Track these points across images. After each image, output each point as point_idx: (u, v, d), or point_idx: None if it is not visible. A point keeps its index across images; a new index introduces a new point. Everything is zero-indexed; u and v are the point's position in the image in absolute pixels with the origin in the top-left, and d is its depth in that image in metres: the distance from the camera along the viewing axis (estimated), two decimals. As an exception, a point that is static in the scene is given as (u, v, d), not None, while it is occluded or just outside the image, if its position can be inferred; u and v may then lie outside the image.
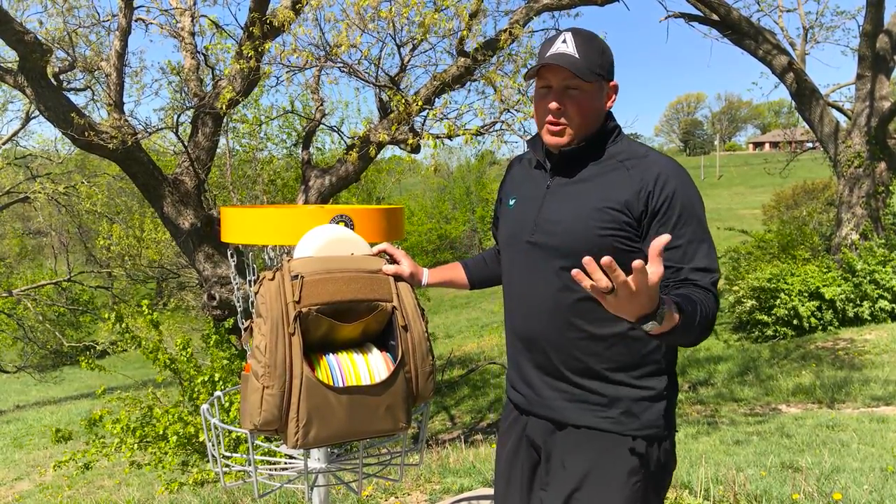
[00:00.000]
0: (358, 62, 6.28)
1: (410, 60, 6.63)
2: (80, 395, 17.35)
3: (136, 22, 7.54)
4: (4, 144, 16.85)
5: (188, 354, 5.89)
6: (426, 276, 1.94)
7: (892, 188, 11.35)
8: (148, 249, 15.48)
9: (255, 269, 2.45)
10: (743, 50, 11.63)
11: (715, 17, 11.52)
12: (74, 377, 20.84)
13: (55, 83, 6.63)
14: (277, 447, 2.08)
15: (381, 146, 6.69)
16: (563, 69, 1.54)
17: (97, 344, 19.50)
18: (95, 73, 7.68)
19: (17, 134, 16.77)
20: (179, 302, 19.69)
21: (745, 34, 11.48)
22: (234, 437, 5.23)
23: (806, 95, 11.49)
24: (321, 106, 8.25)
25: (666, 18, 11.30)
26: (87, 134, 6.32)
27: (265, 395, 1.60)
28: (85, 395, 17.00)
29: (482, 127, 6.40)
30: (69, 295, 20.90)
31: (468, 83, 6.85)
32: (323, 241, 1.81)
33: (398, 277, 1.82)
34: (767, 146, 78.54)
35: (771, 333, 11.05)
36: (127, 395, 6.11)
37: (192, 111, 7.28)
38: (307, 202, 7.12)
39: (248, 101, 10.14)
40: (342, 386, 1.65)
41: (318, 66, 6.66)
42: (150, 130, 7.17)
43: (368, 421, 1.67)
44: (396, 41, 6.26)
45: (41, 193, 15.77)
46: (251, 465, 1.81)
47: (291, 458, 2.06)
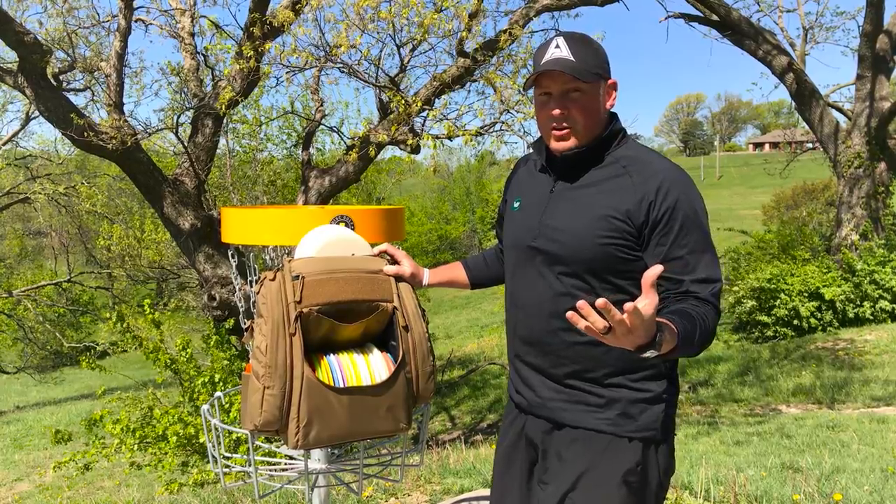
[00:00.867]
0: (358, 62, 6.28)
1: (410, 61, 6.63)
2: (80, 395, 17.34)
3: (135, 22, 7.54)
4: (4, 145, 16.85)
5: (188, 355, 5.89)
6: (427, 276, 1.94)
7: (892, 188, 11.35)
8: (148, 250, 15.46)
9: (255, 269, 2.45)
10: (743, 50, 11.63)
11: (715, 17, 11.52)
12: (74, 378, 20.82)
13: (55, 84, 6.63)
14: (278, 448, 2.08)
15: (380, 147, 6.69)
16: (561, 74, 1.54)
17: (97, 344, 19.49)
18: (95, 73, 7.67)
19: (17, 135, 16.77)
20: (180, 302, 19.67)
21: (744, 34, 11.48)
22: (234, 437, 5.23)
23: (806, 96, 11.49)
24: (321, 106, 8.24)
25: (666, 19, 11.30)
26: (86, 134, 6.31)
27: (266, 395, 1.60)
28: (85, 395, 16.99)
29: (482, 127, 6.40)
30: (69, 295, 20.88)
31: (468, 84, 6.86)
32: (324, 241, 1.81)
33: (399, 278, 1.82)
34: (767, 146, 78.54)
35: (771, 334, 11.05)
36: (127, 395, 6.11)
37: (191, 112, 7.27)
38: (307, 203, 7.12)
39: (248, 101, 10.14)
40: (343, 386, 1.65)
41: (317, 66, 6.66)
42: (149, 131, 7.16)
43: (369, 421, 1.67)
44: (396, 42, 6.26)
45: (41, 194, 15.77)
46: (251, 465, 1.81)
47: (292, 458, 2.06)
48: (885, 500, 3.34)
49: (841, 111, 12.95)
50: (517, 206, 1.74)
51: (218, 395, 2.21)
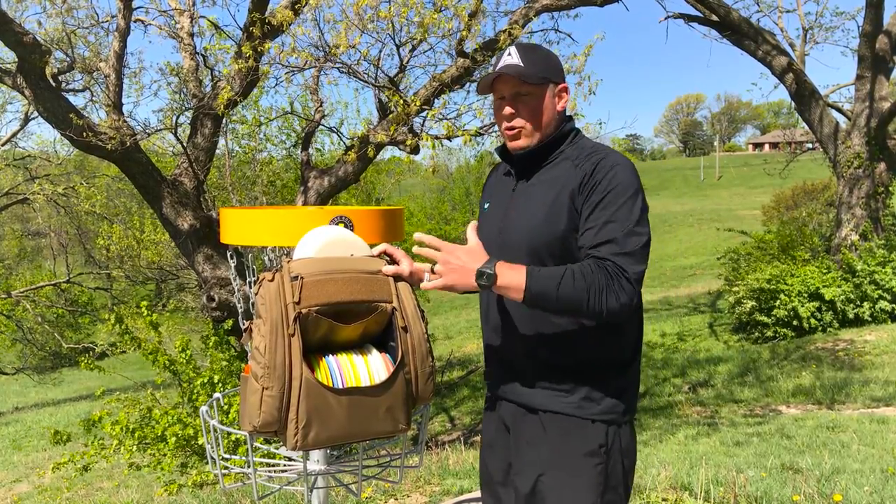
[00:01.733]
0: (357, 63, 6.27)
1: (410, 61, 6.62)
2: (79, 396, 17.33)
3: (134, 23, 7.53)
4: (3, 146, 16.84)
5: (187, 356, 5.88)
6: (427, 277, 1.94)
7: (891, 189, 11.35)
8: (147, 251, 15.45)
9: (254, 270, 2.44)
10: (742, 51, 11.63)
11: (714, 17, 11.52)
12: (73, 379, 20.81)
13: (54, 84, 6.62)
14: (277, 449, 2.07)
15: (379, 147, 6.68)
16: (510, 77, 1.70)
17: (96, 345, 19.47)
18: (94, 73, 7.66)
19: (16, 135, 16.75)
20: (179, 303, 19.66)
21: (744, 35, 11.48)
22: (233, 438, 5.22)
23: (805, 96, 11.49)
24: (320, 107, 8.23)
25: (665, 19, 11.31)
26: (85, 135, 6.30)
27: (264, 396, 1.59)
28: (84, 396, 16.98)
29: (481, 127, 6.40)
30: (68, 296, 20.87)
31: (467, 84, 6.85)
32: (322, 242, 1.81)
33: (398, 278, 1.82)
34: (767, 147, 78.60)
35: (771, 334, 11.05)
36: (126, 396, 6.10)
37: (191, 112, 7.27)
38: (306, 203, 7.11)
39: (247, 102, 10.13)
40: (342, 387, 1.64)
41: (317, 66, 6.65)
42: (148, 131, 7.15)
43: (368, 422, 1.66)
44: (396, 42, 6.25)
45: (40, 195, 15.76)
46: (250, 467, 1.80)
47: (291, 460, 2.06)
48: (885, 500, 3.34)
49: (841, 111, 12.95)
50: (486, 207, 1.89)
51: (217, 396, 2.21)
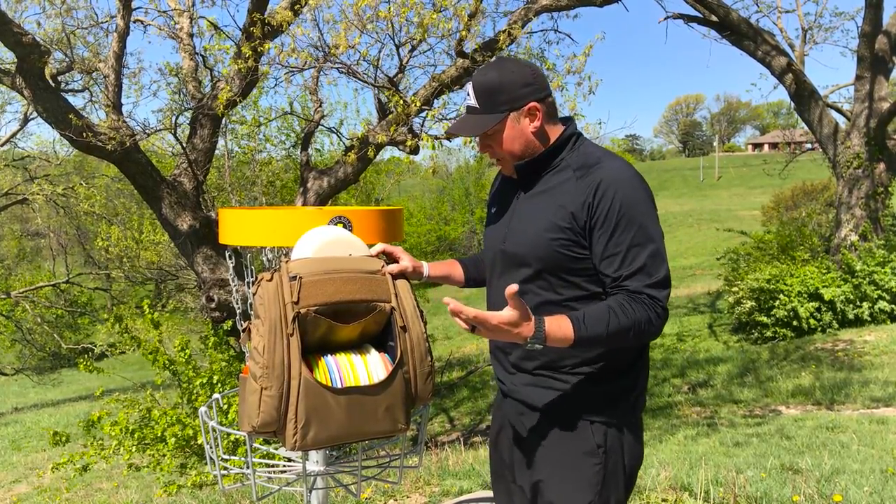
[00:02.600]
0: (357, 63, 6.27)
1: (409, 61, 6.62)
2: (78, 397, 17.31)
3: (134, 23, 7.53)
4: (3, 146, 16.83)
5: (186, 356, 5.88)
6: (426, 269, 1.99)
7: (891, 189, 11.35)
8: (146, 251, 15.45)
9: (253, 270, 2.44)
10: (742, 51, 11.63)
11: (714, 18, 11.52)
12: (73, 379, 20.79)
13: (53, 84, 6.62)
14: (276, 450, 2.06)
15: (379, 147, 6.68)
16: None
17: (95, 346, 19.46)
18: (93, 74, 7.67)
19: (15, 135, 16.75)
20: (178, 304, 19.65)
21: (744, 35, 11.48)
22: (232, 439, 5.22)
23: (805, 96, 11.49)
24: (320, 107, 8.23)
25: (665, 19, 11.30)
26: (85, 135, 6.30)
27: (263, 396, 1.59)
28: (83, 397, 16.97)
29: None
30: (67, 297, 20.86)
31: (467, 84, 6.84)
32: (321, 242, 1.81)
33: (401, 275, 1.83)
34: (766, 147, 78.60)
35: (770, 335, 11.04)
36: (125, 397, 6.09)
37: (190, 112, 7.26)
38: (306, 204, 7.10)
39: (246, 102, 10.13)
40: (341, 387, 1.63)
41: (316, 66, 6.65)
42: (148, 132, 7.15)
43: (367, 422, 1.66)
44: (395, 42, 6.25)
45: (39, 195, 15.75)
46: (249, 467, 1.80)
47: (290, 460, 2.05)
48: (884, 501, 3.34)
49: (840, 112, 12.95)
50: (493, 212, 1.91)
51: (216, 396, 2.20)
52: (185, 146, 6.98)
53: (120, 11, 6.82)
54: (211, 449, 1.93)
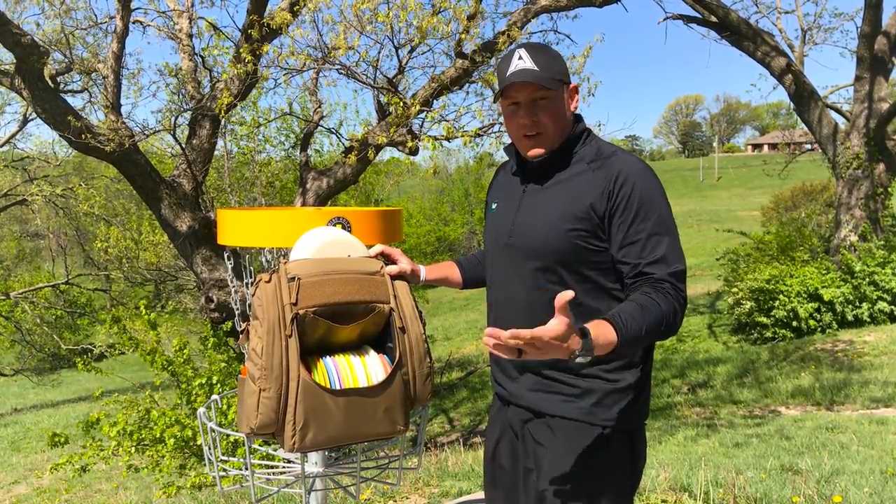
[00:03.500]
0: (356, 64, 6.26)
1: (408, 62, 6.61)
2: (77, 398, 17.30)
3: (133, 24, 7.52)
4: (2, 147, 16.82)
5: (185, 356, 5.87)
6: (423, 272, 1.97)
7: (890, 189, 11.36)
8: (146, 252, 15.45)
9: (252, 271, 2.43)
10: (741, 52, 11.64)
11: (713, 18, 11.53)
12: (72, 380, 20.78)
13: (52, 85, 6.61)
14: (275, 451, 2.06)
15: (379, 149, 6.67)
16: (529, 84, 1.65)
17: (95, 346, 19.45)
18: (93, 75, 7.65)
19: (14, 136, 16.74)
20: (177, 304, 19.65)
21: (743, 36, 11.48)
22: (231, 440, 5.22)
23: (804, 97, 11.49)
24: (319, 108, 8.22)
25: (664, 20, 11.31)
26: (84, 136, 6.29)
27: (262, 398, 1.59)
28: (83, 398, 16.95)
29: (481, 128, 6.39)
30: (67, 298, 20.85)
31: (466, 85, 6.84)
32: (319, 243, 1.80)
33: (399, 276, 1.82)
34: (766, 148, 78.59)
35: (770, 335, 11.04)
36: (124, 398, 6.08)
37: (189, 113, 7.26)
38: (305, 204, 7.10)
39: (245, 103, 10.12)
40: (339, 388, 1.63)
41: (315, 68, 6.65)
42: (147, 132, 7.15)
43: (366, 424, 1.66)
44: (394, 43, 6.25)
45: (39, 196, 15.74)
46: (248, 469, 1.79)
47: (289, 462, 2.05)
48: (884, 501, 3.33)
49: (840, 112, 12.96)
50: (495, 207, 1.86)
51: (215, 397, 2.20)
52: (184, 147, 6.97)
53: (119, 12, 6.81)
54: (209, 450, 1.93)
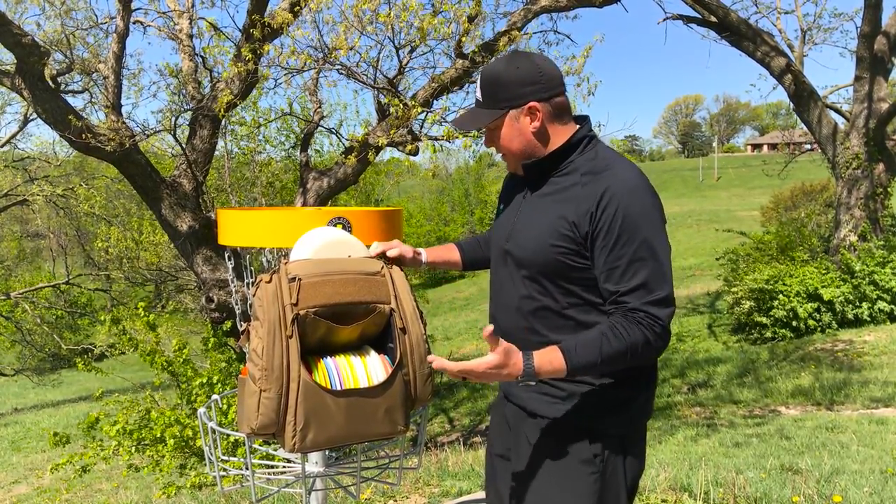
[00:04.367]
0: (356, 64, 6.27)
1: (409, 63, 6.62)
2: (78, 397, 17.31)
3: (133, 24, 7.53)
4: (2, 147, 16.83)
5: (185, 356, 5.88)
6: (424, 255, 1.99)
7: (890, 189, 11.35)
8: (146, 252, 15.46)
9: (252, 271, 2.44)
10: (741, 52, 11.63)
11: (713, 18, 11.53)
12: (72, 380, 20.79)
13: (53, 85, 6.61)
14: (275, 451, 2.06)
15: (379, 150, 6.68)
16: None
17: (95, 346, 19.45)
18: (93, 75, 7.66)
19: (15, 136, 16.76)
20: (178, 304, 19.65)
21: (743, 36, 11.48)
22: (231, 440, 5.22)
23: (804, 97, 11.49)
24: (319, 108, 8.22)
25: (664, 20, 11.31)
26: (84, 136, 6.30)
27: (262, 398, 1.59)
28: (83, 398, 16.96)
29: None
30: (67, 298, 20.85)
31: (467, 85, 6.85)
32: (320, 243, 1.81)
33: (398, 262, 1.84)
34: (766, 148, 78.60)
35: (770, 335, 11.04)
36: (125, 397, 6.09)
37: (190, 113, 7.26)
38: (305, 204, 7.10)
39: (246, 103, 10.12)
40: (340, 389, 1.63)
41: (316, 68, 6.65)
42: (147, 133, 7.15)
43: (367, 424, 1.66)
44: (395, 44, 6.25)
45: (39, 196, 15.76)
46: (249, 469, 1.80)
47: (289, 461, 2.05)
48: (884, 501, 3.34)
49: (839, 112, 12.96)
50: (501, 209, 1.90)
51: (215, 397, 2.20)
52: (184, 147, 6.98)
53: (120, 12, 6.82)
54: (210, 450, 1.93)
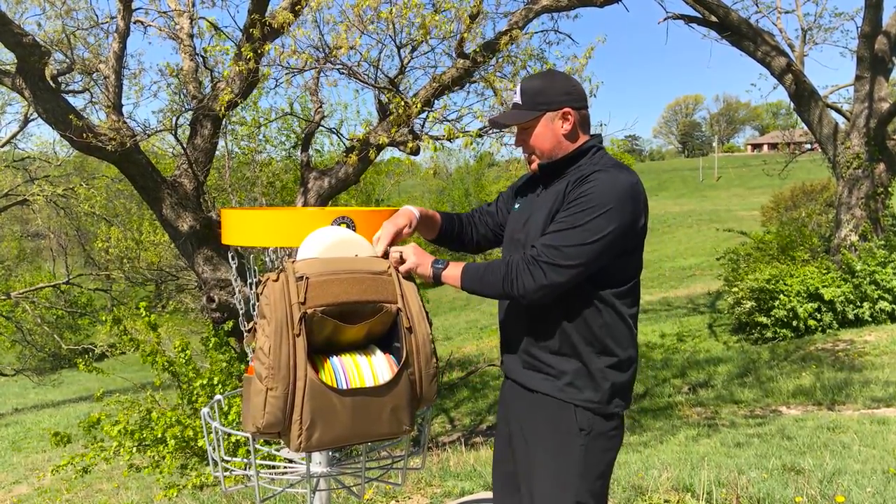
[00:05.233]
0: (357, 64, 6.26)
1: (410, 62, 6.61)
2: (78, 397, 17.30)
3: (134, 24, 7.52)
4: (3, 147, 16.82)
5: (186, 357, 5.87)
6: (416, 213, 2.03)
7: (891, 189, 11.35)
8: (146, 252, 15.45)
9: (255, 271, 2.43)
10: (742, 51, 11.63)
11: (714, 18, 11.52)
12: (73, 380, 20.77)
13: (53, 85, 6.61)
14: (277, 451, 2.06)
15: (380, 149, 6.67)
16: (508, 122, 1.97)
17: (96, 346, 19.45)
18: (94, 75, 7.65)
19: (15, 136, 16.75)
20: (178, 304, 19.64)
21: (743, 36, 11.48)
22: (233, 440, 5.21)
23: (805, 97, 11.49)
24: (320, 108, 8.21)
25: (665, 20, 11.31)
26: (85, 136, 6.29)
27: (269, 397, 1.59)
28: (84, 398, 16.95)
29: (482, 129, 6.39)
30: (68, 297, 20.84)
31: (467, 85, 6.84)
32: (328, 242, 1.80)
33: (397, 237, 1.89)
34: (766, 147, 78.55)
35: (770, 335, 11.04)
36: (125, 398, 6.08)
37: (190, 113, 7.26)
38: (306, 204, 7.10)
39: (246, 103, 10.12)
40: (346, 388, 1.63)
41: (317, 67, 6.64)
42: (148, 132, 7.14)
43: (372, 424, 1.66)
44: (396, 43, 6.24)
45: (40, 196, 15.75)
46: (252, 469, 1.79)
47: (291, 462, 2.04)
48: (887, 501, 3.33)
49: (840, 112, 12.94)
50: (517, 207, 2.08)
51: (218, 397, 2.20)
52: (185, 147, 6.97)
53: (120, 12, 6.81)
54: (213, 450, 1.93)
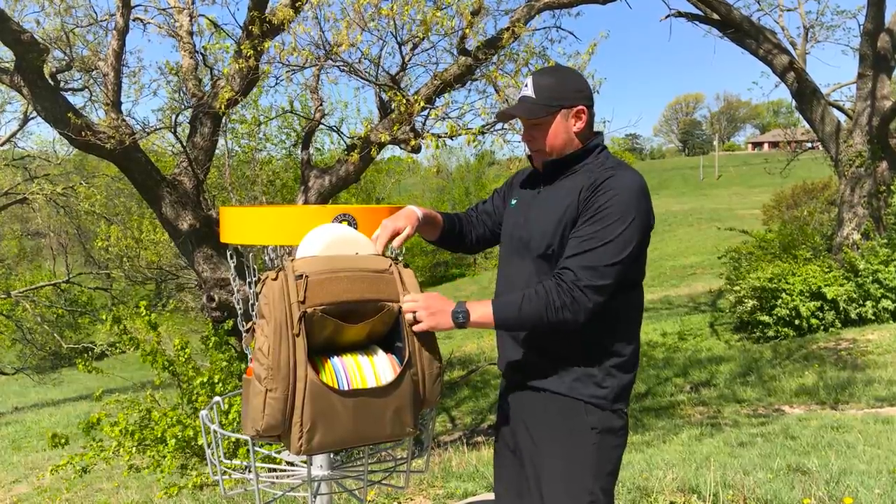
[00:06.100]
0: (358, 61, 6.22)
1: (411, 59, 6.57)
2: (78, 396, 17.28)
3: (133, 21, 7.48)
4: (2, 145, 16.79)
5: (186, 356, 5.83)
6: (419, 214, 1.98)
7: (893, 187, 11.31)
8: (146, 251, 15.42)
9: (255, 270, 2.39)
10: (743, 49, 11.59)
11: (716, 16, 11.49)
12: (73, 379, 20.74)
13: (52, 83, 6.57)
14: (278, 453, 2.02)
15: (381, 146, 6.63)
16: (519, 115, 1.91)
17: (95, 345, 19.42)
18: (93, 72, 7.62)
19: (15, 135, 16.71)
20: (178, 303, 19.61)
21: (745, 33, 11.44)
22: (233, 441, 5.18)
23: (807, 95, 11.45)
24: (320, 106, 8.17)
25: (667, 17, 11.27)
26: (84, 134, 6.26)
27: (268, 398, 1.54)
28: (84, 396, 16.93)
29: (484, 126, 6.35)
30: (68, 296, 20.81)
31: (469, 82, 6.80)
32: (327, 240, 1.76)
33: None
34: (766, 146, 78.53)
35: (772, 334, 11.00)
36: (125, 397, 6.04)
37: (190, 111, 7.22)
38: (307, 203, 7.06)
39: (246, 101, 10.09)
40: (347, 389, 1.59)
41: (317, 65, 6.60)
42: (147, 130, 7.12)
43: (374, 425, 1.62)
44: (397, 39, 6.20)
45: (39, 194, 15.71)
46: (252, 472, 1.75)
47: (291, 464, 2.01)
48: (895, 502, 3.30)
49: (842, 110, 12.91)
50: (514, 203, 2.05)
51: (217, 399, 2.16)
52: (185, 145, 6.93)
53: (119, 9, 6.78)
54: (212, 453, 1.89)
